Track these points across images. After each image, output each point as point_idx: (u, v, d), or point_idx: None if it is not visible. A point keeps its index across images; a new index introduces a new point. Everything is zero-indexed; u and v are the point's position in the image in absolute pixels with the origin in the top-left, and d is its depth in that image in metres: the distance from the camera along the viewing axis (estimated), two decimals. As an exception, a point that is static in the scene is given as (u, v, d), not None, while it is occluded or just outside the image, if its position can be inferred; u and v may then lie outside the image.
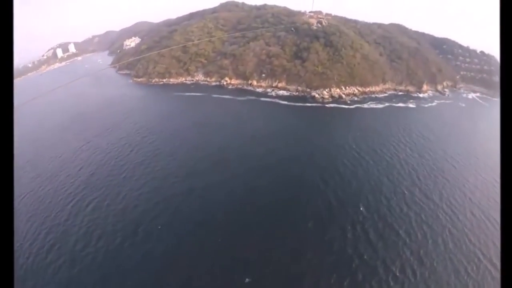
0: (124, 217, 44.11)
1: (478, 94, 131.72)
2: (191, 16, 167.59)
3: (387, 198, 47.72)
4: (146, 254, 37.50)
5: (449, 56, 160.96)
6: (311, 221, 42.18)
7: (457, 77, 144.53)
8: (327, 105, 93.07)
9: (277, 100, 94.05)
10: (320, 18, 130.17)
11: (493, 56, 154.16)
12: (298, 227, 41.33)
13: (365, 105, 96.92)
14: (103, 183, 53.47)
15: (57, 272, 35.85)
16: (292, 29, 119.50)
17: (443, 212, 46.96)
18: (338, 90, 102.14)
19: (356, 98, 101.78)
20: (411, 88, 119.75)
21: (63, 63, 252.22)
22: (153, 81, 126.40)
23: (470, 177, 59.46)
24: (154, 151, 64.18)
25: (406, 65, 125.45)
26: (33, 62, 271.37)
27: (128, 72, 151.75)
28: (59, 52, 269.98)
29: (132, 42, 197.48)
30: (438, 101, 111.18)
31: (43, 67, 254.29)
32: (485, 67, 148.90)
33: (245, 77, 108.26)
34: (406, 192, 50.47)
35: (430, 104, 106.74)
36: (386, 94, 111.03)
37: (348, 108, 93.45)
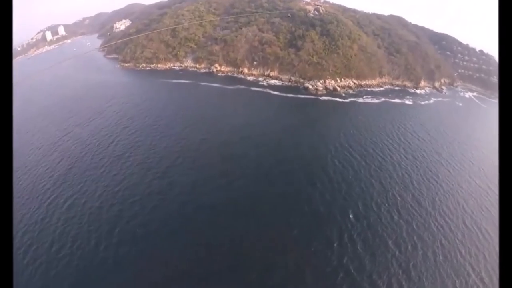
0: (100, 217, 40.65)
1: (475, 94, 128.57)
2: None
3: (378, 204, 42.87)
4: (121, 257, 34.59)
5: (448, 53, 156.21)
6: (296, 229, 37.42)
7: (455, 74, 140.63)
8: (320, 98, 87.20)
9: (268, 90, 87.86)
10: (318, 5, 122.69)
11: (492, 56, 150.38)
12: (281, 236, 36.59)
13: (360, 99, 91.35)
14: (81, 178, 49.45)
15: (34, 276, 33.22)
16: (289, 14, 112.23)
17: (435, 221, 42.80)
18: (333, 81, 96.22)
19: (351, 91, 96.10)
20: (408, 84, 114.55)
21: (52, 46, 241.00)
22: (140, 66, 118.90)
23: (464, 183, 55.36)
24: (134, 143, 59.05)
25: (405, 60, 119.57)
26: (22, 45, 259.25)
27: (116, 56, 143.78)
28: (48, 35, 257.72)
29: (122, 25, 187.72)
30: (435, 99, 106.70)
31: (32, 50, 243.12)
32: (484, 67, 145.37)
33: (236, 64, 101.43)
34: (398, 197, 45.70)
35: (427, 102, 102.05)
36: (382, 88, 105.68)
37: (342, 102, 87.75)
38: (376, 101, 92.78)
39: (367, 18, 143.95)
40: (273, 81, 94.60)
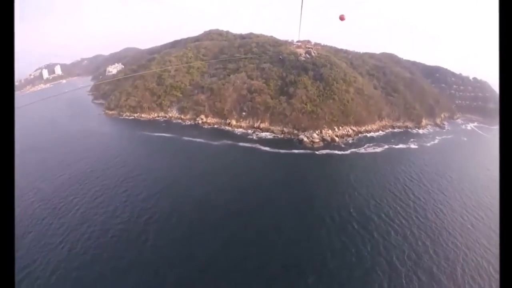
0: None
1: (476, 124, 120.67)
2: (174, 44, 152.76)
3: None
4: None
5: (443, 85, 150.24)
6: None
7: (453, 106, 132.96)
8: (317, 152, 75.04)
9: (258, 146, 75.92)
10: (309, 48, 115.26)
11: (485, 82, 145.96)
12: None
13: (362, 149, 79.40)
14: (36, 252, 38.89)
15: None
16: (281, 57, 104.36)
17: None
18: (330, 131, 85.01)
19: (350, 140, 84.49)
20: (409, 124, 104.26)
21: (48, 85, 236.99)
22: (124, 115, 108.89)
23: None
24: (97, 209, 48.42)
25: (403, 99, 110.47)
26: (20, 81, 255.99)
27: (103, 102, 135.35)
28: (45, 73, 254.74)
29: (114, 69, 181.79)
30: (439, 137, 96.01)
31: (28, 87, 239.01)
32: (480, 94, 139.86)
33: (223, 115, 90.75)
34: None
35: (432, 142, 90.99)
36: (383, 133, 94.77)
37: (342, 154, 75.52)
38: (379, 149, 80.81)
39: (360, 58, 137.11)
40: (263, 134, 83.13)
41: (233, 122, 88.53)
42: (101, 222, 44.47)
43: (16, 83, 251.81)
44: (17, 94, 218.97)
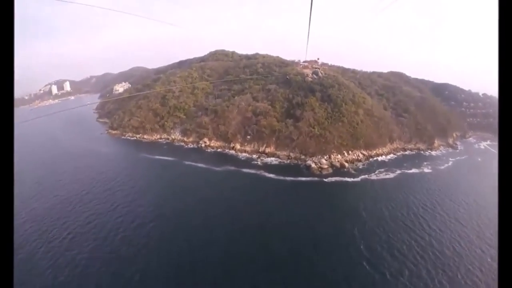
0: None
1: (489, 142, 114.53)
2: (180, 64, 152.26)
3: None
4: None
5: (453, 103, 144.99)
6: None
7: (465, 124, 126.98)
8: (326, 179, 69.29)
9: (262, 173, 70.72)
10: (316, 68, 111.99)
11: (495, 97, 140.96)
12: None
13: (373, 176, 73.32)
14: (22, 276, 36.66)
15: None
16: (288, 77, 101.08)
17: None
18: (339, 156, 79.60)
19: (361, 166, 78.65)
20: (421, 146, 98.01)
21: (56, 101, 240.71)
22: (127, 135, 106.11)
23: None
24: (86, 236, 45.88)
25: (414, 119, 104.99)
26: (30, 95, 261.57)
27: (107, 120, 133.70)
28: (54, 89, 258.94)
29: (121, 88, 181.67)
30: (453, 159, 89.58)
31: (37, 102, 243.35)
32: (491, 111, 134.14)
33: (227, 138, 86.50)
34: None
35: (446, 165, 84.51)
36: (395, 156, 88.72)
37: (352, 182, 69.56)
38: (391, 175, 74.66)
39: (368, 78, 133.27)
40: (269, 159, 78.12)
41: (237, 146, 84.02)
42: (90, 250, 42.02)
43: (25, 97, 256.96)
44: (25, 108, 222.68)
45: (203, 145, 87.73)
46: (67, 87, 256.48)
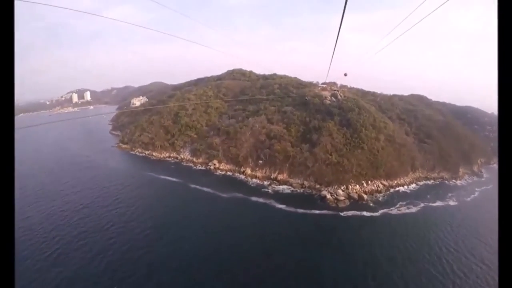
0: None
1: None
2: (198, 81, 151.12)
3: None
4: None
5: (476, 127, 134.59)
6: None
7: (489, 149, 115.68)
8: (342, 213, 61.73)
9: (272, 203, 64.08)
10: (335, 90, 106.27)
11: None
12: None
13: (394, 210, 64.98)
14: None
15: None
16: (307, 97, 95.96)
17: None
18: (357, 186, 71.98)
19: (381, 198, 70.45)
20: (445, 174, 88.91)
21: (76, 109, 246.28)
22: (136, 151, 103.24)
23: None
24: (74, 254, 44.12)
25: (438, 145, 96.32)
26: (52, 101, 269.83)
27: (119, 133, 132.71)
28: (75, 97, 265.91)
29: (138, 101, 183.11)
30: (479, 189, 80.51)
31: (57, 108, 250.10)
32: None
33: (237, 162, 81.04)
34: None
35: (472, 196, 76.01)
36: (417, 186, 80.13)
37: (371, 217, 61.40)
38: (413, 209, 66.10)
39: (389, 101, 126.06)
40: (281, 187, 71.49)
41: (248, 171, 78.23)
42: (76, 269, 40.20)
43: (47, 103, 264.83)
44: (45, 113, 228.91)
45: (212, 167, 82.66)
46: (88, 96, 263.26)
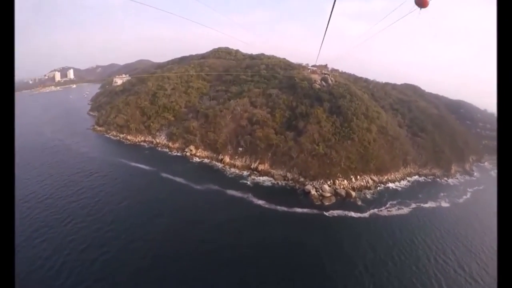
0: None
1: None
2: (181, 60, 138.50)
3: None
4: None
5: (468, 122, 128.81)
6: None
7: (480, 147, 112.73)
8: (327, 213, 54.47)
9: (250, 197, 55.93)
10: (325, 74, 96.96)
11: None
12: None
13: (384, 210, 58.36)
14: None
15: None
16: (295, 79, 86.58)
17: None
18: (345, 181, 64.80)
19: (369, 195, 63.53)
20: (437, 171, 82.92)
21: (58, 88, 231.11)
22: (110, 134, 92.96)
23: None
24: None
25: (432, 140, 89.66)
26: (34, 80, 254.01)
27: (96, 114, 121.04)
28: (57, 76, 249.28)
29: (120, 80, 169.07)
30: (471, 189, 75.61)
31: (39, 87, 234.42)
32: None
33: (215, 148, 72.25)
34: None
35: (465, 197, 70.81)
36: (408, 183, 73.96)
37: (358, 219, 54.58)
38: (405, 210, 59.75)
39: (382, 89, 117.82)
40: (261, 179, 63.46)
41: (226, 159, 69.67)
42: (29, 272, 34.54)
43: (30, 82, 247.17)
44: (26, 93, 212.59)
45: (188, 153, 73.72)
46: (71, 75, 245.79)
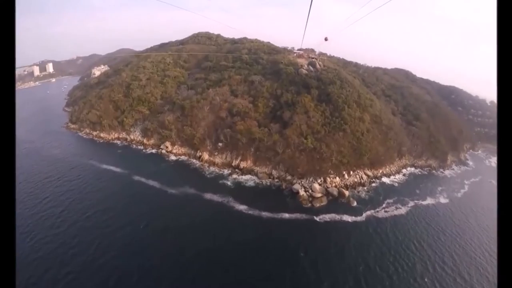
0: None
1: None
2: (161, 46, 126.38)
3: None
4: None
5: (460, 109, 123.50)
6: None
7: (473, 134, 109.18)
8: (317, 218, 47.08)
9: (231, 202, 48.04)
10: (313, 58, 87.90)
11: None
12: None
13: (381, 211, 51.86)
14: None
15: None
16: (282, 62, 77.51)
17: None
18: (337, 179, 57.59)
19: (364, 193, 56.57)
20: (433, 162, 77.57)
21: (37, 83, 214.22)
22: (83, 131, 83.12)
23: None
24: None
25: (427, 129, 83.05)
26: None
27: (71, 110, 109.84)
28: (36, 71, 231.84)
29: (98, 71, 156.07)
30: (468, 182, 71.63)
31: (18, 84, 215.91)
32: None
33: (193, 144, 63.88)
34: None
35: (463, 191, 66.60)
36: (404, 177, 68.38)
37: (354, 223, 47.15)
38: (402, 210, 53.64)
39: (373, 74, 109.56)
40: (243, 178, 55.62)
41: (205, 156, 61.33)
42: None
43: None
44: None
45: (164, 151, 65.15)
46: (50, 68, 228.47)
